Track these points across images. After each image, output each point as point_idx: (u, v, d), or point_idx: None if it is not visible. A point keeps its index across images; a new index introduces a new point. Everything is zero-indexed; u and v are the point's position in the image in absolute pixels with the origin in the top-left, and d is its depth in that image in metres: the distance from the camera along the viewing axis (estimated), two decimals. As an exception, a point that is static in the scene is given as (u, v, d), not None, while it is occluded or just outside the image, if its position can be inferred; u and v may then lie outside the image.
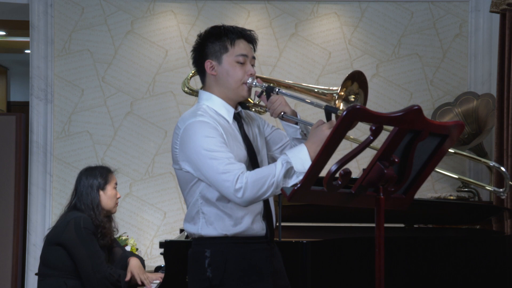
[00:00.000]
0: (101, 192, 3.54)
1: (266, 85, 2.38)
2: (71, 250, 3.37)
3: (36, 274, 4.99)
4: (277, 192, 2.17)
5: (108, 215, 3.62)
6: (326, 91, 2.35)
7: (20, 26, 5.94)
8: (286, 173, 2.15)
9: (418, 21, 5.48)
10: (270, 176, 2.14)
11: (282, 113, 2.38)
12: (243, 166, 2.20)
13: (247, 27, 2.49)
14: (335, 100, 2.31)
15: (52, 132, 5.37)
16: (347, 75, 2.31)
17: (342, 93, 2.31)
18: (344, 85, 2.31)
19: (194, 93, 2.73)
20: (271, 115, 2.41)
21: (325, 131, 2.18)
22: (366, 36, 5.46)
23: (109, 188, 3.57)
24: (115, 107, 5.41)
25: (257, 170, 2.19)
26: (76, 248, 3.36)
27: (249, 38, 2.40)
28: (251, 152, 2.36)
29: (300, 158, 2.15)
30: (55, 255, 3.41)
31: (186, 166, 2.28)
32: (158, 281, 3.65)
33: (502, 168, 2.06)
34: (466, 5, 5.47)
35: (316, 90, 2.39)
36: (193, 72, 2.72)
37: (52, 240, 3.44)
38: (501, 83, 4.71)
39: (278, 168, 2.15)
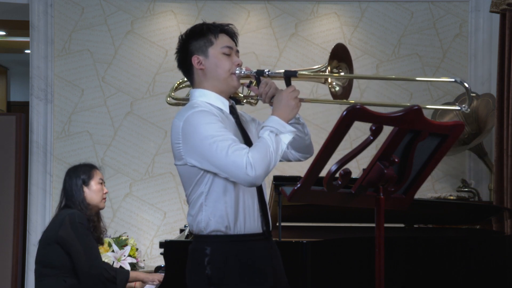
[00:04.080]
0: (85, 188, 3.55)
1: (256, 70, 2.40)
2: (68, 246, 3.37)
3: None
4: (277, 159, 2.23)
5: (97, 213, 3.62)
6: (311, 71, 2.45)
7: (20, 26, 5.94)
8: (276, 139, 2.23)
9: (418, 21, 5.48)
10: (268, 147, 2.20)
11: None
12: (246, 146, 2.22)
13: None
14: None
15: (52, 132, 5.37)
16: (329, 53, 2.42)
17: (328, 69, 2.42)
18: (329, 63, 2.42)
19: (180, 102, 2.72)
20: (264, 101, 2.43)
21: (285, 95, 2.30)
22: (366, 36, 5.46)
23: (93, 184, 3.58)
24: (115, 107, 5.41)
25: (253, 147, 2.21)
26: (72, 244, 3.36)
27: (229, 32, 2.45)
28: (248, 142, 2.37)
29: (278, 124, 2.25)
30: (53, 254, 3.41)
31: (191, 159, 2.28)
32: (156, 283, 3.65)
33: (466, 84, 2.11)
34: (466, 5, 5.47)
35: (303, 72, 2.44)
36: (177, 83, 2.73)
37: (48, 240, 3.44)
38: (501, 83, 4.71)
39: (268, 138, 2.22)
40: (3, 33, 6.79)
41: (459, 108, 2.20)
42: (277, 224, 3.21)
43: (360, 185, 1.86)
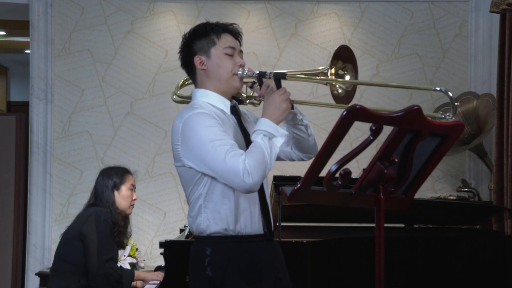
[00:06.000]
0: (115, 192, 3.55)
1: (258, 71, 2.40)
2: (86, 242, 3.37)
3: (36, 274, 5.01)
4: (272, 164, 2.24)
5: (125, 217, 3.62)
6: (315, 71, 2.43)
7: (20, 26, 5.94)
8: (270, 143, 2.24)
9: (418, 21, 5.48)
10: (262, 152, 2.20)
11: None
12: (243, 152, 2.21)
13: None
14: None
15: (52, 132, 5.37)
16: (333, 53, 2.41)
17: (333, 71, 2.40)
18: (332, 63, 2.40)
19: (185, 100, 2.73)
20: None
21: (277, 97, 2.29)
22: (366, 36, 5.46)
23: (124, 189, 3.58)
24: (115, 107, 5.41)
25: (248, 152, 2.20)
26: (89, 241, 3.37)
27: (233, 32, 2.43)
28: (249, 143, 2.36)
29: (271, 127, 2.25)
30: (74, 250, 3.42)
31: (189, 161, 2.27)
32: (157, 281, 3.65)
33: (450, 93, 2.15)
34: (466, 5, 5.47)
35: (306, 74, 2.44)
36: (183, 80, 2.73)
37: (72, 235, 3.45)
38: (501, 83, 4.71)
39: (262, 143, 2.22)
40: (3, 33, 6.78)
41: (443, 116, 2.21)
42: (277, 224, 3.21)
43: (360, 185, 1.86)
